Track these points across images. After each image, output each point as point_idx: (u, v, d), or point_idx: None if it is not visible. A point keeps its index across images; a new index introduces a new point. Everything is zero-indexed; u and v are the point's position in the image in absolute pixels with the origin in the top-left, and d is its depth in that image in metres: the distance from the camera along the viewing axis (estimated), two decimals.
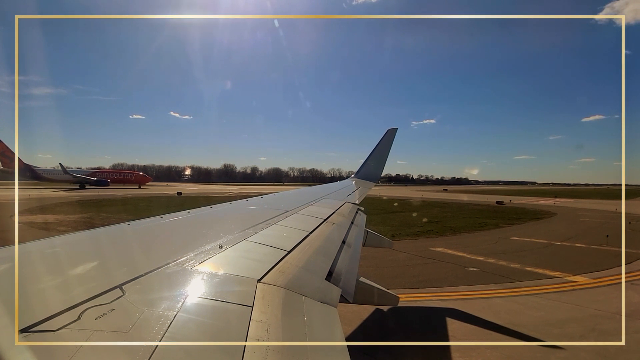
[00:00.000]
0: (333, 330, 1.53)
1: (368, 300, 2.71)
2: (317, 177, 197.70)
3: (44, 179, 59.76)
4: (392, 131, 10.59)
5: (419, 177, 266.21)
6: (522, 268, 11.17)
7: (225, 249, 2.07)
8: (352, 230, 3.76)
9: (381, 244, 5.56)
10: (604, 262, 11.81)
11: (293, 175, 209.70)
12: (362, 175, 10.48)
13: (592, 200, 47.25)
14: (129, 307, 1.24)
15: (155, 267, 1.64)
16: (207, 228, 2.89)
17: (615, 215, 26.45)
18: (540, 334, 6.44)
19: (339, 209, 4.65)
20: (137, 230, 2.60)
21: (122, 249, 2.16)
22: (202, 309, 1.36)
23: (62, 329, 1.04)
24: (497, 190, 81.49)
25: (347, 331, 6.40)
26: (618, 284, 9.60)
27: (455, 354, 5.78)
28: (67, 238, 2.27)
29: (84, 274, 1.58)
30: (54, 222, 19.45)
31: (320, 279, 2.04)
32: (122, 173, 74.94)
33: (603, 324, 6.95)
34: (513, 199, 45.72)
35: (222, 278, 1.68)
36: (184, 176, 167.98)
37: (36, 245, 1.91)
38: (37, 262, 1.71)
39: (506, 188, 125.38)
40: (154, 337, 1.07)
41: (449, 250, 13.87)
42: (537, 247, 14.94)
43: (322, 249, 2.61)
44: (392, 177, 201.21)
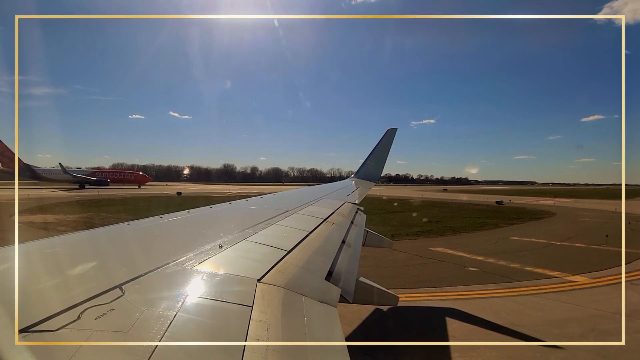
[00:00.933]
0: (333, 330, 1.53)
1: (368, 300, 2.71)
2: (317, 177, 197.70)
3: (44, 179, 59.71)
4: (392, 131, 10.60)
5: (419, 177, 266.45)
6: (522, 268, 11.17)
7: (225, 249, 2.07)
8: (352, 230, 3.77)
9: (381, 243, 5.56)
10: (603, 262, 11.81)
11: (293, 175, 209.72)
12: (361, 175, 10.48)
13: (592, 200, 47.27)
14: (128, 307, 1.24)
15: (155, 267, 1.64)
16: (206, 228, 2.89)
17: (615, 215, 26.47)
18: (540, 334, 6.44)
19: (338, 209, 4.65)
20: (137, 230, 2.60)
21: (121, 249, 2.16)
22: (202, 308, 1.36)
23: (62, 329, 1.04)
24: (497, 190, 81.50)
25: (347, 331, 6.40)
26: (618, 284, 9.60)
27: (455, 354, 5.79)
28: (67, 238, 2.27)
29: (83, 274, 1.58)
30: (53, 222, 19.45)
31: (320, 278, 2.04)
32: (122, 173, 74.92)
33: (603, 324, 6.96)
34: (513, 199, 45.74)
35: (222, 278, 1.68)
36: (184, 176, 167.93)
37: (36, 245, 1.91)
38: (37, 262, 1.71)
39: (506, 188, 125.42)
40: (153, 337, 1.07)
41: (449, 250, 13.87)
42: (536, 247, 14.94)
43: (322, 249, 2.61)
44: (392, 177, 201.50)
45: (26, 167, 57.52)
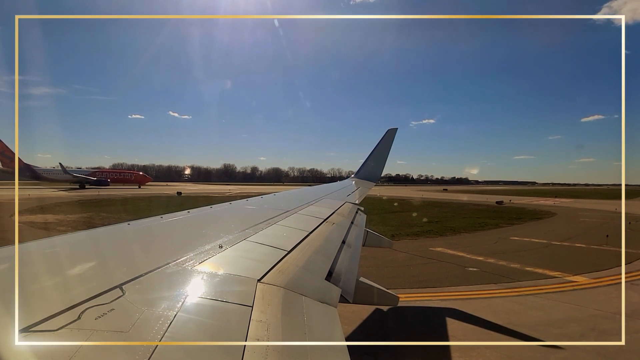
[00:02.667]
0: (333, 330, 1.53)
1: (368, 300, 2.71)
2: (317, 177, 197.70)
3: (44, 179, 59.72)
4: (392, 131, 10.60)
5: (419, 177, 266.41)
6: (522, 268, 11.17)
7: (225, 249, 2.07)
8: (352, 230, 3.76)
9: (381, 243, 5.56)
10: (603, 262, 11.81)
11: (293, 175, 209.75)
12: (362, 175, 10.48)
13: (592, 200, 47.24)
14: (129, 307, 1.24)
15: (155, 267, 1.64)
16: (207, 228, 2.88)
17: (615, 215, 26.45)
18: (540, 334, 6.44)
19: (338, 209, 4.65)
20: (137, 230, 2.60)
21: (122, 248, 2.16)
22: (202, 308, 1.36)
23: (62, 329, 1.04)
24: (497, 190, 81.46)
25: (347, 331, 6.40)
26: (618, 284, 9.60)
27: (455, 354, 5.79)
28: (67, 238, 2.27)
29: (84, 274, 1.58)
30: (53, 222, 19.45)
31: (320, 278, 2.04)
32: (122, 173, 74.93)
33: (603, 324, 6.95)
34: (513, 199, 45.71)
35: (222, 278, 1.68)
36: (184, 176, 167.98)
37: (36, 245, 1.91)
38: (37, 262, 1.71)
39: (506, 188, 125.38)
40: (153, 337, 1.07)
41: (449, 250, 13.87)
42: (537, 247, 14.94)
43: (322, 249, 2.61)
44: (392, 177, 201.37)
45: (26, 167, 57.52)
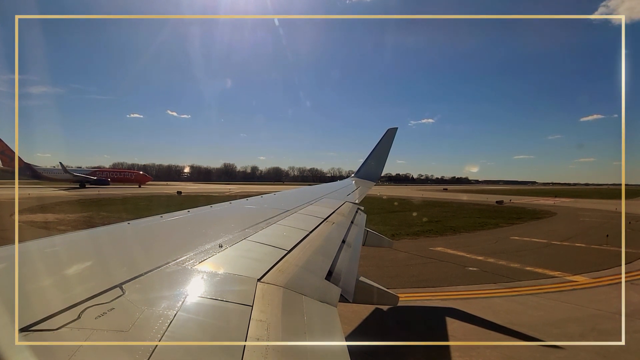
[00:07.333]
0: (333, 329, 1.53)
1: (368, 299, 2.71)
2: (317, 176, 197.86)
3: (44, 178, 59.71)
4: (392, 131, 10.58)
5: (419, 177, 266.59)
6: (522, 268, 11.17)
7: (225, 248, 2.07)
8: (352, 230, 3.76)
9: (381, 243, 5.55)
10: (603, 262, 11.81)
11: (293, 175, 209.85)
12: (362, 175, 10.48)
13: (592, 200, 47.24)
14: (128, 306, 1.24)
15: (155, 267, 1.63)
16: (207, 227, 2.88)
17: (615, 215, 26.45)
18: (540, 334, 6.44)
19: (338, 209, 4.64)
20: (137, 229, 2.60)
21: (122, 248, 2.15)
22: (202, 308, 1.36)
23: (62, 328, 1.04)
24: (497, 190, 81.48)
25: (347, 331, 6.40)
26: (618, 284, 9.60)
27: (455, 354, 5.78)
28: (67, 237, 2.26)
29: (83, 273, 1.58)
30: (54, 222, 19.45)
31: (320, 278, 2.04)
32: (122, 172, 74.94)
33: (603, 323, 6.95)
34: (513, 199, 45.71)
35: (222, 277, 1.68)
36: (184, 175, 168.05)
37: (36, 245, 1.91)
38: (37, 261, 1.71)
39: (506, 188, 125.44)
40: (153, 336, 1.07)
41: (449, 249, 13.87)
42: (537, 246, 14.94)
43: (322, 249, 2.61)
44: (392, 176, 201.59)
45: (26, 167, 57.52)
